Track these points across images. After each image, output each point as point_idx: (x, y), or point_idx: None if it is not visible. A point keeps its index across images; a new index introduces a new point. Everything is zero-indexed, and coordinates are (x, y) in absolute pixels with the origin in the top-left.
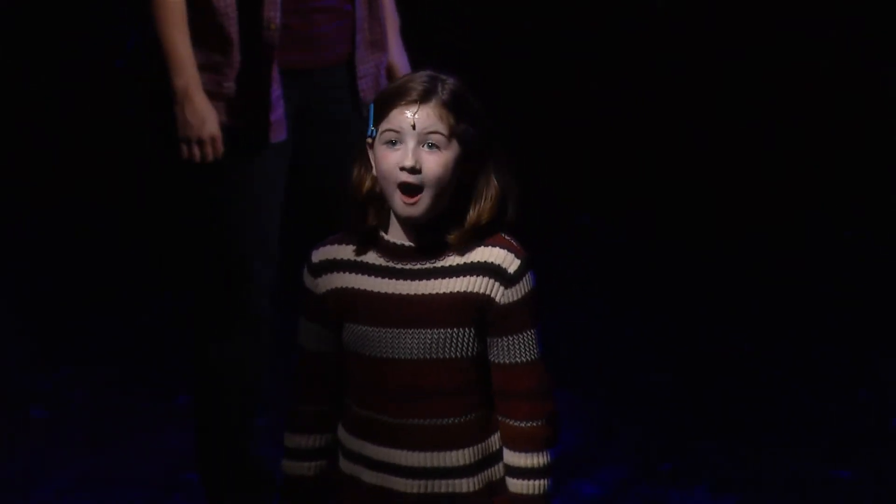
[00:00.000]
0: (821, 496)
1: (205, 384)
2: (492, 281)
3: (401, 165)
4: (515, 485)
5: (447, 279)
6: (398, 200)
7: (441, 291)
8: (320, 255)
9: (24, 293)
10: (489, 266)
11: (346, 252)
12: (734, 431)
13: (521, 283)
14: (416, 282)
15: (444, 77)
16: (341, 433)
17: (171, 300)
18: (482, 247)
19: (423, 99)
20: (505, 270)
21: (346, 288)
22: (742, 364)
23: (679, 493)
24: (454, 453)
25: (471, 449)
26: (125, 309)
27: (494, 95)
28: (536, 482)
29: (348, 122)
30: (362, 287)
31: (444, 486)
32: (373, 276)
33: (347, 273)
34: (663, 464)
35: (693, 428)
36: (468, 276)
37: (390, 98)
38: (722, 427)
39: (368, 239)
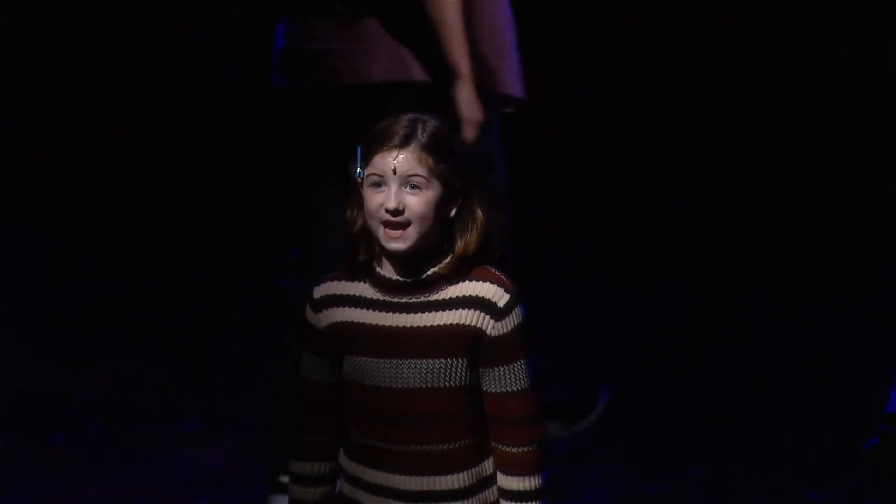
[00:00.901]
0: None
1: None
2: (482, 314)
3: (385, 207)
4: None
5: (440, 312)
6: (384, 236)
7: (434, 324)
8: (321, 291)
9: (46, 325)
10: (480, 300)
11: (344, 287)
12: (714, 455)
13: (510, 316)
14: (411, 315)
15: (425, 118)
16: (342, 459)
17: (174, 335)
18: (473, 281)
19: (403, 144)
20: (495, 304)
21: (345, 321)
22: (719, 388)
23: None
24: (450, 477)
25: (466, 473)
26: (134, 344)
27: None
28: None
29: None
30: (360, 320)
31: None
32: (370, 310)
33: (346, 307)
34: (649, 486)
35: (675, 452)
36: (460, 310)
37: (374, 143)
38: (703, 451)
39: (364, 275)
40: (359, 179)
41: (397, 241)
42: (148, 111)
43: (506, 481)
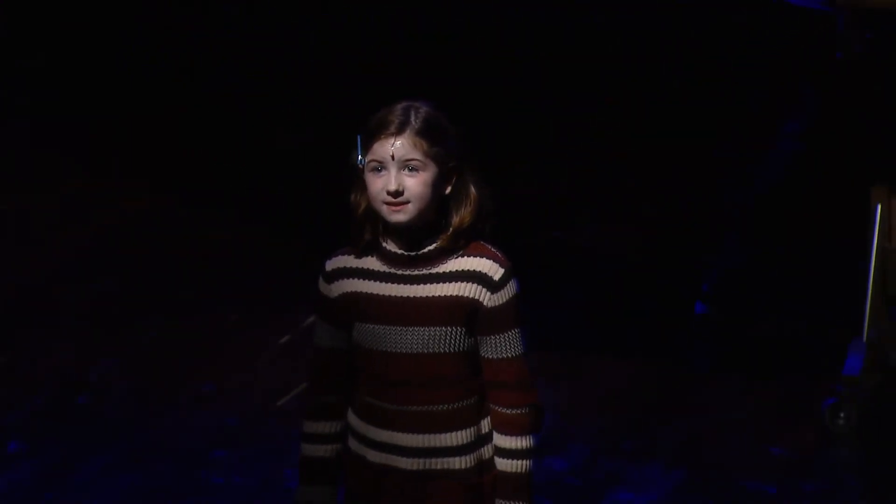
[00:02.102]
0: (757, 471)
1: None
2: (480, 287)
3: (386, 190)
4: (502, 463)
5: (441, 284)
6: (385, 210)
7: (436, 294)
8: (332, 264)
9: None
10: (477, 274)
11: (353, 261)
12: (685, 415)
13: (505, 289)
14: (414, 286)
15: (417, 105)
16: (351, 418)
17: (196, 302)
18: (470, 257)
19: (399, 130)
20: (491, 278)
21: (355, 292)
22: (685, 359)
23: (636, 468)
24: (448, 435)
25: (463, 431)
26: (157, 312)
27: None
28: (520, 462)
29: None
30: (368, 291)
31: (439, 463)
32: (377, 281)
33: (355, 279)
34: (621, 441)
35: (649, 412)
36: (459, 283)
37: (372, 131)
38: (674, 411)
39: (372, 249)
40: (360, 166)
41: (399, 214)
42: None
43: (501, 440)
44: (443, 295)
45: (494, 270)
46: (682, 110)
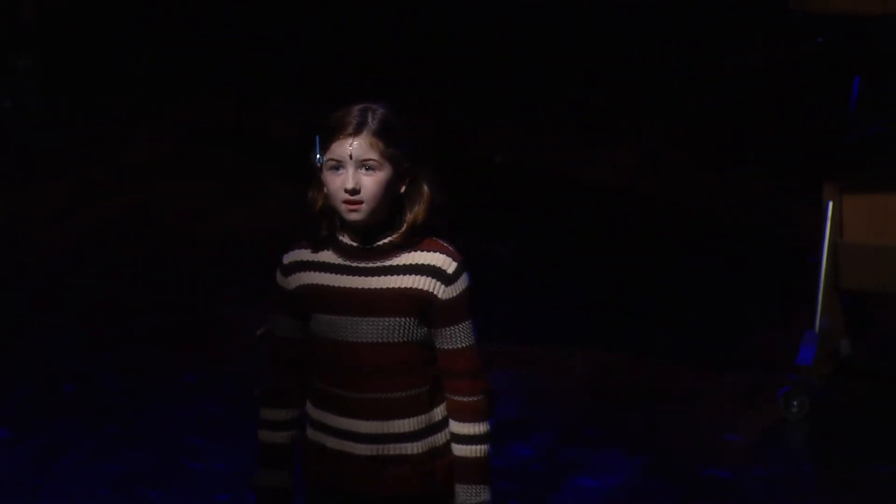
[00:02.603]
0: (715, 457)
1: None
2: (434, 280)
3: (344, 188)
4: (460, 449)
5: (396, 276)
6: (344, 209)
7: (391, 286)
8: (290, 258)
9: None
10: (432, 268)
11: (310, 255)
12: (646, 403)
13: (458, 282)
14: (369, 278)
15: (374, 107)
16: (309, 407)
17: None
18: (425, 251)
19: (357, 131)
20: (445, 271)
21: (312, 284)
22: (646, 350)
23: (598, 455)
24: (402, 422)
25: (417, 418)
26: (140, 306)
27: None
28: (477, 447)
29: None
30: (325, 283)
31: (393, 449)
32: (333, 274)
33: (313, 272)
34: (582, 428)
35: (610, 401)
36: (414, 275)
37: (331, 131)
38: (636, 400)
39: (328, 243)
40: (318, 165)
41: (356, 213)
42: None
43: (457, 427)
44: (398, 287)
45: (448, 264)
46: None
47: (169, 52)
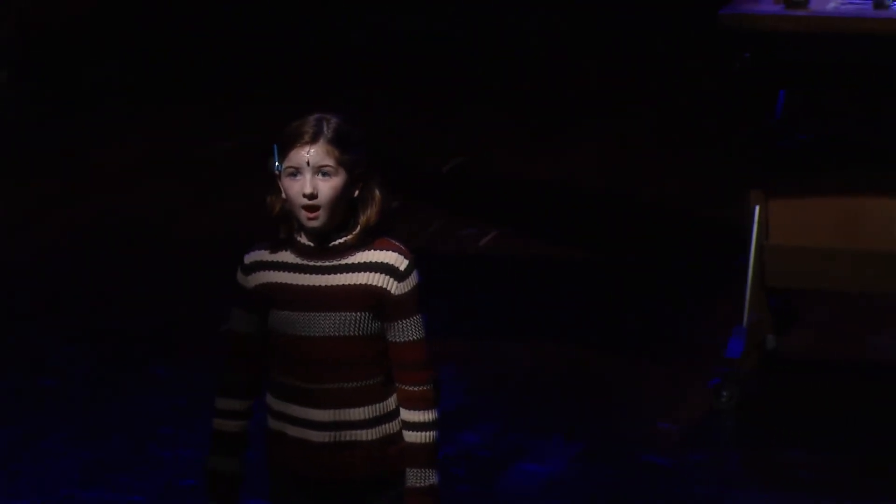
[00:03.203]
0: (650, 443)
1: None
2: (387, 277)
3: (302, 193)
4: (410, 436)
5: (349, 274)
6: (303, 216)
7: (345, 283)
8: (250, 258)
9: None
10: (385, 265)
11: (269, 255)
12: (583, 394)
13: (409, 279)
14: (325, 276)
15: (328, 117)
16: (269, 398)
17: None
18: (378, 250)
19: (313, 140)
20: (397, 269)
21: (271, 282)
22: (585, 343)
23: (540, 442)
24: (357, 410)
25: (370, 407)
26: (112, 304)
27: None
28: (426, 433)
29: None
30: (283, 281)
31: (348, 436)
32: (291, 272)
33: (272, 271)
34: (525, 417)
35: (551, 391)
36: (368, 273)
37: (289, 140)
38: (573, 389)
39: (286, 244)
40: (276, 172)
41: (314, 221)
42: None
43: (407, 415)
44: (352, 284)
45: (400, 262)
46: None
47: (141, 63)
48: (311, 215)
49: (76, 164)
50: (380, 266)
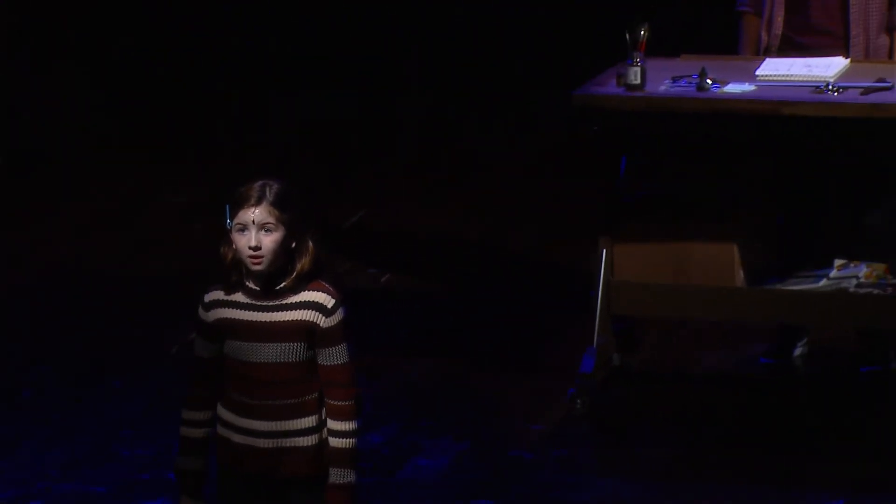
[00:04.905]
0: (520, 442)
1: None
2: (317, 312)
3: (249, 246)
4: (333, 441)
5: (288, 311)
6: (249, 263)
7: (284, 319)
8: (209, 297)
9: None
10: (316, 304)
11: (224, 295)
12: (466, 401)
13: (335, 314)
14: (268, 313)
15: (270, 183)
16: (220, 410)
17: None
18: (311, 291)
19: (258, 202)
20: (325, 306)
21: (226, 318)
22: (470, 358)
23: (430, 441)
24: (296, 421)
25: (307, 418)
26: (80, 331)
27: None
28: (347, 440)
29: None
30: (235, 317)
31: (289, 442)
32: (241, 310)
33: (226, 308)
34: (420, 420)
35: (441, 399)
36: (302, 310)
37: (238, 202)
38: (459, 397)
39: (237, 286)
40: (228, 228)
41: (258, 265)
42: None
43: (333, 424)
44: (289, 319)
45: (328, 301)
46: None
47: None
48: (256, 262)
49: (43, 216)
50: (311, 304)
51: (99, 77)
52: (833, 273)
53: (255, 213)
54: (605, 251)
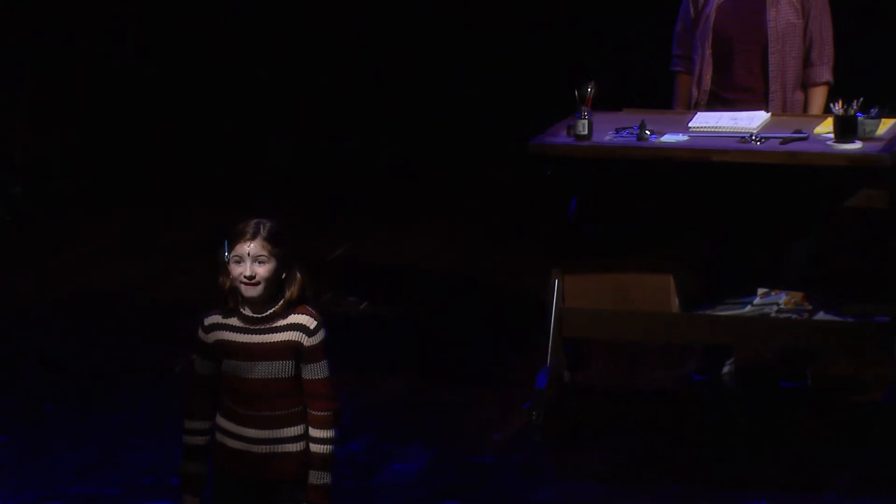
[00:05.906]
0: (483, 448)
1: None
2: (301, 333)
3: (243, 275)
4: (314, 447)
5: (277, 334)
6: (244, 290)
7: (274, 341)
8: (208, 321)
9: None
10: (300, 326)
11: (222, 319)
12: (437, 412)
13: (317, 335)
14: (260, 335)
15: (264, 221)
16: (219, 419)
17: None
18: (297, 315)
19: (253, 237)
20: (308, 328)
21: (223, 339)
22: (439, 373)
23: (404, 449)
24: (286, 429)
25: (295, 427)
26: (93, 352)
27: None
28: (325, 446)
29: None
30: (231, 339)
31: (280, 448)
32: (237, 333)
33: (224, 331)
34: (394, 430)
35: (414, 410)
36: (289, 332)
37: (235, 237)
38: (430, 409)
39: (233, 312)
40: (226, 260)
41: (252, 291)
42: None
43: (314, 432)
44: (278, 340)
45: (311, 323)
46: None
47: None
48: (249, 288)
49: (61, 253)
50: (296, 326)
51: (117, 129)
52: (757, 300)
53: (250, 247)
54: (556, 281)
